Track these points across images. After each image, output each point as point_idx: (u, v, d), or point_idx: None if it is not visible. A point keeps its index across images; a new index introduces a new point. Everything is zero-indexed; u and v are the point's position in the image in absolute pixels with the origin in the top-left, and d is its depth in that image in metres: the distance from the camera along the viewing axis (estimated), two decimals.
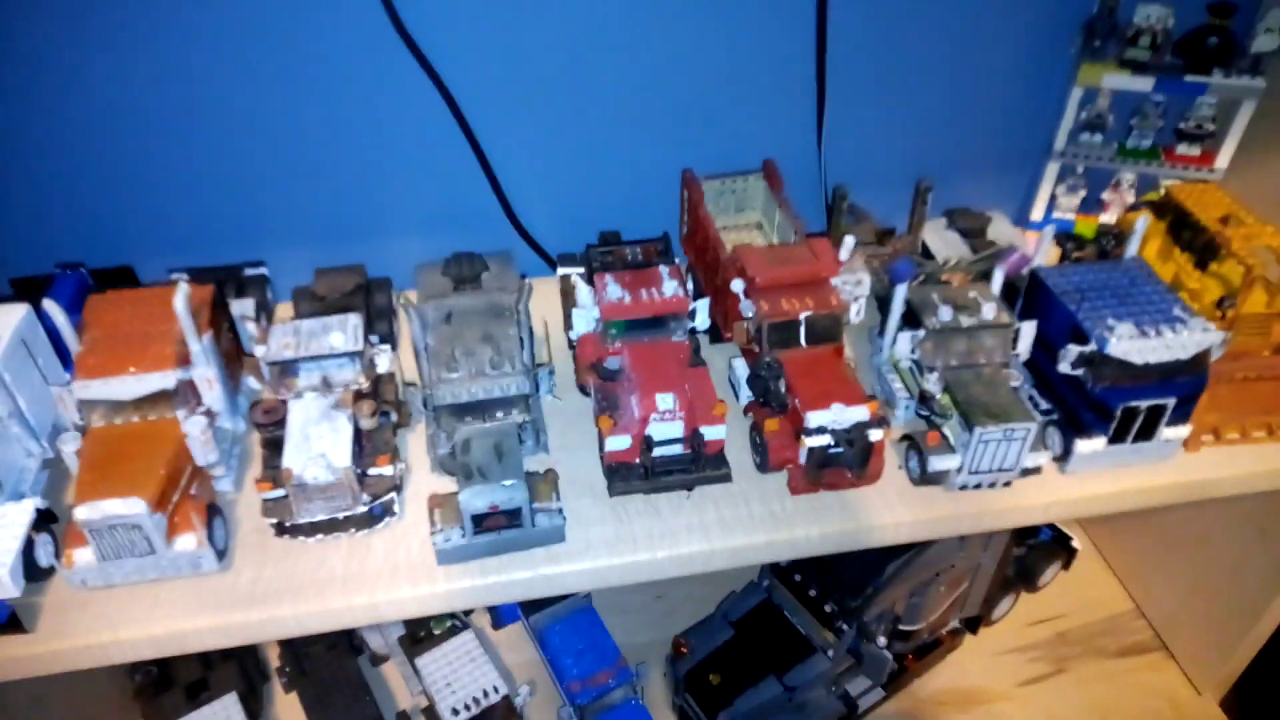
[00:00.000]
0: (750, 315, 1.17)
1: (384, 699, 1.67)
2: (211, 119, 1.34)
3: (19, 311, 1.13)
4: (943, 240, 1.40)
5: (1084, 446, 1.14)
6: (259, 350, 1.11)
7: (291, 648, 1.67)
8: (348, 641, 1.70)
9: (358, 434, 1.08)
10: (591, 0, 1.32)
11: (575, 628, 1.71)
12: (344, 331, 1.12)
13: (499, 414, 1.12)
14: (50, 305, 1.09)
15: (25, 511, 1.02)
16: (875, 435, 1.08)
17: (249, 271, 1.42)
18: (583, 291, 1.18)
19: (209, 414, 1.11)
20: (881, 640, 1.54)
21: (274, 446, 1.06)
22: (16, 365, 1.09)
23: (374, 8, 1.25)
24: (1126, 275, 1.21)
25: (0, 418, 1.06)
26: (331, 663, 1.64)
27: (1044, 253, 1.22)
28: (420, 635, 1.65)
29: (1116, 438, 1.14)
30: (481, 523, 1.02)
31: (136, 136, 1.34)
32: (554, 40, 1.35)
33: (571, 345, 1.27)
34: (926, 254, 1.40)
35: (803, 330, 1.16)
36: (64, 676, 1.03)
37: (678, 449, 1.11)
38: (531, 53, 1.36)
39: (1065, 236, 1.40)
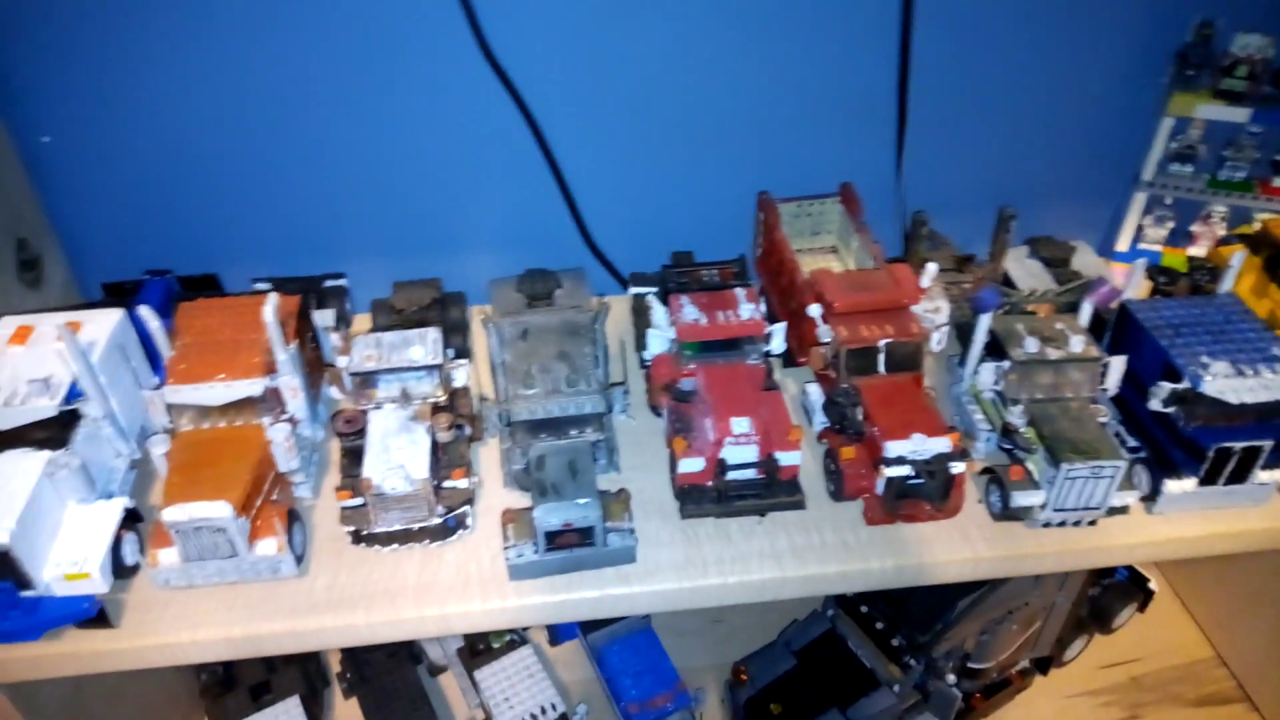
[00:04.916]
0: (828, 341, 1.15)
1: (440, 709, 1.67)
2: (298, 133, 1.38)
3: (114, 316, 1.17)
4: (1025, 269, 1.37)
5: (1174, 487, 1.10)
6: (341, 361, 1.13)
7: (352, 654, 1.69)
8: (407, 651, 1.71)
9: (434, 446, 1.09)
10: (671, 21, 1.33)
11: (634, 648, 1.70)
12: (424, 345, 1.13)
13: (573, 432, 1.12)
14: (145, 310, 1.12)
15: (115, 510, 1.05)
16: (957, 468, 1.05)
17: (329, 283, 1.45)
18: (658, 312, 1.18)
19: (292, 421, 1.14)
20: (950, 677, 1.50)
21: (354, 456, 1.08)
22: (111, 368, 1.13)
23: (460, 28, 1.28)
24: (1221, 311, 1.17)
25: (94, 418, 1.09)
26: (391, 670, 1.66)
27: (1135, 286, 1.19)
28: (479, 648, 1.66)
29: (1208, 479, 1.10)
30: (554, 540, 1.03)
31: (226, 149, 1.39)
32: (633, 60, 1.36)
33: (643, 364, 1.27)
34: (1008, 283, 1.37)
35: (882, 358, 1.14)
36: (139, 672, 1.06)
37: (751, 473, 1.09)
38: (611, 72, 1.37)
39: (1156, 270, 1.36)
